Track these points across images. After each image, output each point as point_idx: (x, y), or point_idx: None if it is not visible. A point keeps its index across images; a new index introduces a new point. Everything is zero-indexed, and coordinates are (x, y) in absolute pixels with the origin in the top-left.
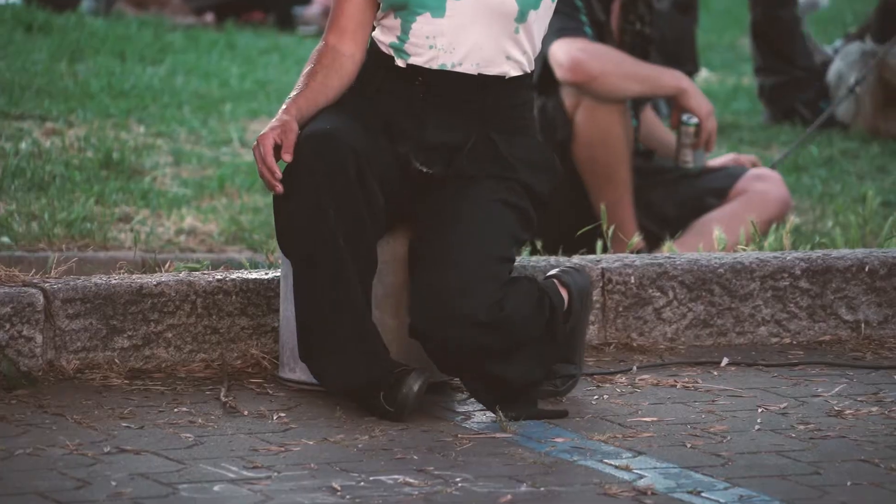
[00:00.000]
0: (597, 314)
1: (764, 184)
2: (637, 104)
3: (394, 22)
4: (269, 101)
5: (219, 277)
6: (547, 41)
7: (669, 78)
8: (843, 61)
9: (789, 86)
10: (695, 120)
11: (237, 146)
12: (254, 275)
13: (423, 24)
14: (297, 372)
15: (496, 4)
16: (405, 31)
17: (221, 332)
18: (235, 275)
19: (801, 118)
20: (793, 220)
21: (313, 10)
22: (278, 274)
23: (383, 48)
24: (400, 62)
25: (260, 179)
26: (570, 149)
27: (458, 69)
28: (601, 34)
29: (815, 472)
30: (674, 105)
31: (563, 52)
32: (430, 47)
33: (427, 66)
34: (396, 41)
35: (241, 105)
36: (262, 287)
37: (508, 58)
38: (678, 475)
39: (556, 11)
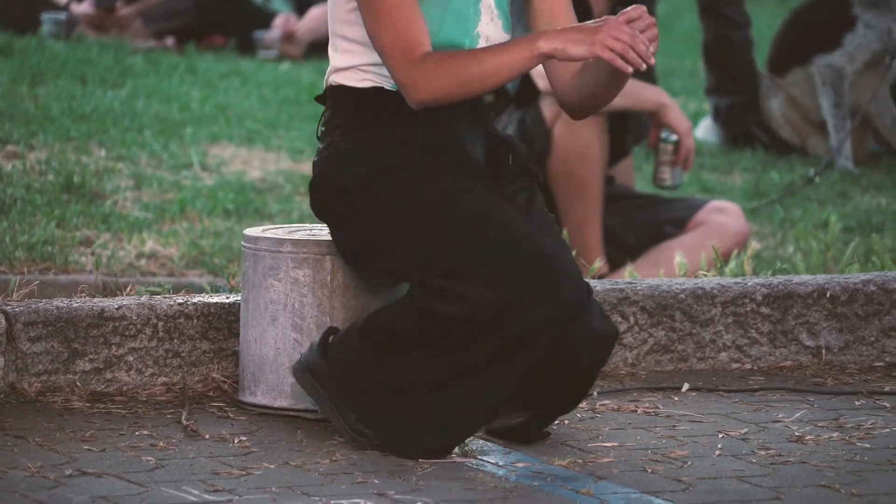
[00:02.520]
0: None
1: (723, 216)
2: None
3: None
4: (229, 126)
5: (180, 301)
6: None
7: (651, 93)
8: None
9: (744, 107)
10: (674, 137)
11: (198, 170)
12: (215, 299)
13: None
14: (258, 396)
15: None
16: None
17: (183, 356)
18: (196, 299)
19: (759, 142)
20: (754, 245)
21: (273, 34)
22: (239, 298)
23: (380, 86)
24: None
25: (221, 204)
26: (545, 162)
27: None
28: None
29: (776, 497)
30: (653, 122)
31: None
32: None
33: None
34: None
35: (202, 129)
36: (224, 311)
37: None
38: (639, 500)
39: None
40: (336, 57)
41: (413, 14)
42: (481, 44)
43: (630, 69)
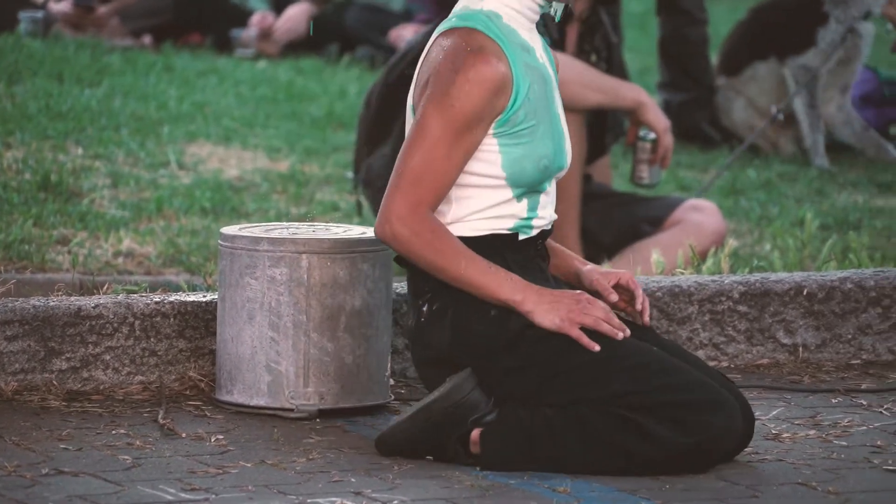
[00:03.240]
0: None
1: (700, 214)
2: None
3: (519, 205)
4: (206, 124)
5: (157, 300)
6: None
7: (629, 91)
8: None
9: (695, 103)
10: (652, 136)
11: (175, 168)
12: (192, 297)
13: (545, 196)
14: (235, 394)
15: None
16: (533, 207)
17: (159, 355)
18: (173, 297)
19: (708, 138)
20: (731, 243)
21: (250, 32)
22: (216, 297)
23: (497, 232)
24: (523, 236)
25: (198, 203)
26: None
27: (548, 225)
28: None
29: (753, 495)
30: (631, 120)
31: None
32: (544, 212)
33: (539, 229)
34: (522, 221)
35: (179, 127)
36: (200, 310)
37: None
38: (616, 499)
39: None
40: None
41: (453, 173)
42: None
43: (597, 347)
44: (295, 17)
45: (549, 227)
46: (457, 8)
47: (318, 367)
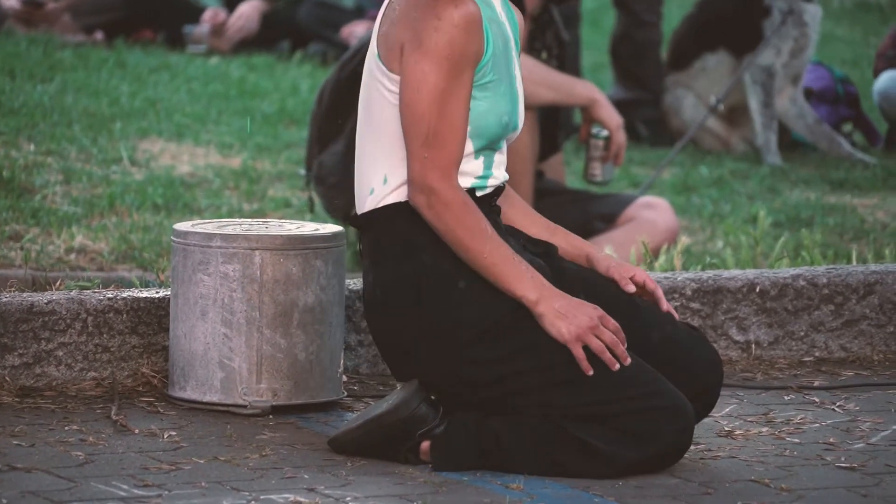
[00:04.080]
0: None
1: (653, 212)
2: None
3: (476, 162)
4: (158, 120)
5: (109, 296)
6: None
7: (582, 88)
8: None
9: (631, 104)
10: (605, 133)
11: (127, 164)
12: (144, 293)
13: (500, 155)
14: (188, 390)
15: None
16: (489, 166)
17: (112, 351)
18: (126, 293)
19: (639, 136)
20: (683, 240)
21: (202, 29)
22: (169, 293)
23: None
24: (480, 193)
25: (150, 199)
26: None
27: (501, 184)
28: None
29: (706, 492)
30: (584, 117)
31: None
32: (498, 172)
33: (493, 187)
34: (478, 180)
35: (132, 123)
36: (153, 306)
37: None
38: (569, 496)
39: None
40: (397, 168)
41: (467, 122)
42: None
43: (591, 371)
44: (247, 14)
45: (503, 185)
46: None
47: (271, 364)
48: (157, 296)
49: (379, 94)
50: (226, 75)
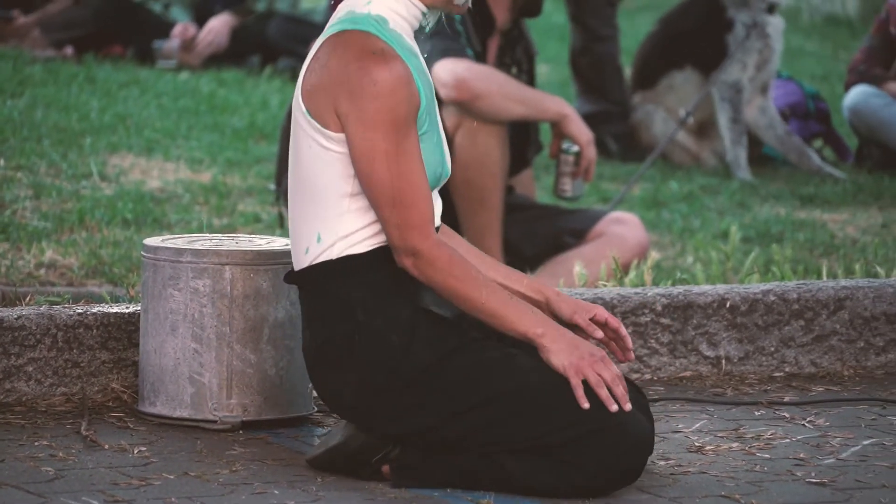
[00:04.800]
0: None
1: (623, 227)
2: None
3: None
4: (128, 135)
5: (79, 311)
6: (431, 61)
7: (552, 103)
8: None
9: (598, 117)
10: (575, 148)
11: (97, 179)
12: (115, 309)
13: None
14: (158, 406)
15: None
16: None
17: (82, 366)
18: (96, 308)
19: (609, 151)
20: (653, 255)
21: (172, 43)
22: (139, 308)
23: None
24: None
25: (120, 214)
26: None
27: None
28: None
29: None
30: (554, 132)
31: (448, 70)
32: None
33: None
34: None
35: (101, 139)
36: (123, 321)
37: None
38: None
39: (438, 33)
40: (339, 223)
41: (426, 178)
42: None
43: (586, 404)
44: (217, 29)
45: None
46: (341, 12)
47: (241, 379)
48: (127, 311)
49: (310, 150)
50: (196, 90)
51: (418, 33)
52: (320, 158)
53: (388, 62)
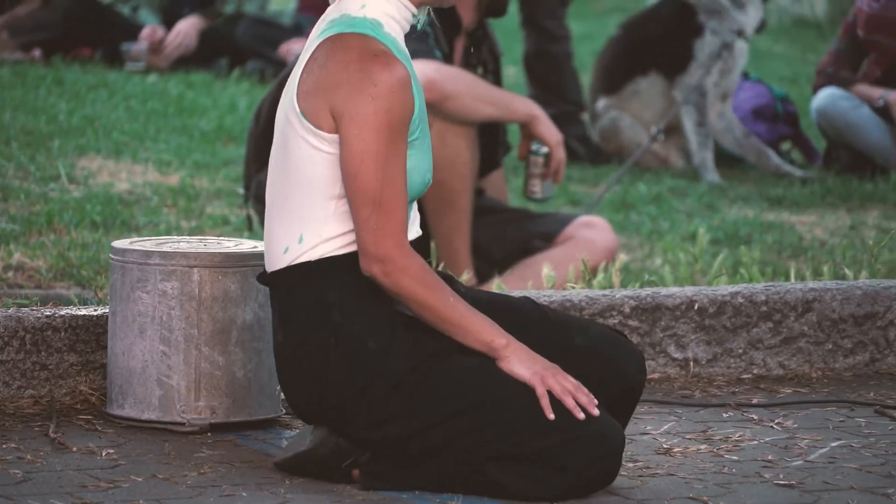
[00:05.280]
0: None
1: (592, 231)
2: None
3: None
4: (96, 138)
5: (47, 314)
6: None
7: (521, 104)
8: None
9: (560, 119)
10: (544, 150)
11: (65, 182)
12: (83, 311)
13: (413, 212)
14: (126, 408)
15: None
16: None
17: (50, 369)
18: (64, 311)
19: (577, 154)
20: (622, 258)
21: (141, 46)
22: (107, 310)
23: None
24: None
25: (89, 216)
26: None
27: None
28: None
29: None
30: (523, 134)
31: (417, 71)
32: (413, 228)
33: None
34: None
35: (70, 141)
36: (91, 323)
37: None
38: None
39: (407, 35)
40: (324, 225)
41: (406, 186)
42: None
43: (552, 415)
44: (185, 31)
45: (415, 240)
46: (332, 13)
47: (209, 381)
48: (95, 313)
49: (301, 150)
50: (164, 93)
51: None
52: (311, 159)
53: (389, 64)
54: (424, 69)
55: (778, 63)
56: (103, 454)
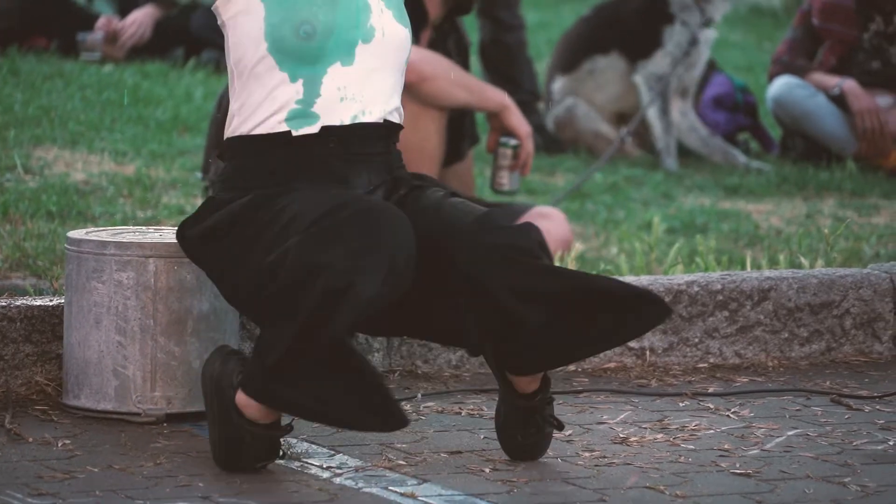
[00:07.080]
0: (381, 341)
1: (547, 221)
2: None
3: (291, 87)
4: (52, 128)
5: (3, 304)
6: None
7: (493, 93)
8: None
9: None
10: (514, 142)
11: (21, 172)
12: (38, 302)
13: (333, 77)
14: (82, 399)
15: (399, 42)
16: (313, 91)
17: (6, 359)
18: (20, 301)
19: (536, 144)
20: (577, 247)
21: (96, 36)
22: (63, 301)
23: (266, 128)
24: (306, 129)
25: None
26: None
27: (367, 119)
28: None
29: (601, 499)
30: (492, 125)
31: None
32: (342, 99)
33: (341, 122)
34: (299, 106)
35: (25, 131)
36: (47, 314)
37: (396, 99)
38: (463, 502)
39: None
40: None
41: None
42: (378, 37)
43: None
44: (140, 21)
45: (359, 125)
46: None
47: (165, 372)
48: (51, 304)
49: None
50: (120, 82)
51: None
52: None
53: None
54: None
55: (734, 52)
56: (59, 445)
